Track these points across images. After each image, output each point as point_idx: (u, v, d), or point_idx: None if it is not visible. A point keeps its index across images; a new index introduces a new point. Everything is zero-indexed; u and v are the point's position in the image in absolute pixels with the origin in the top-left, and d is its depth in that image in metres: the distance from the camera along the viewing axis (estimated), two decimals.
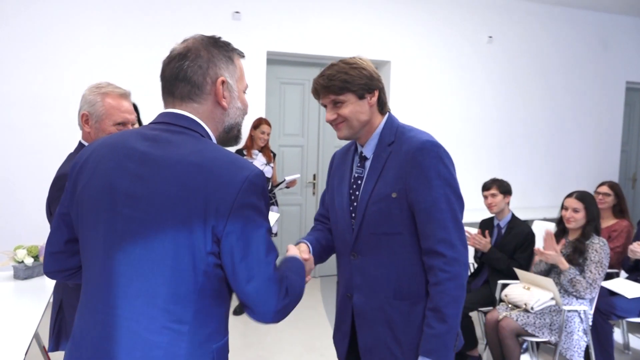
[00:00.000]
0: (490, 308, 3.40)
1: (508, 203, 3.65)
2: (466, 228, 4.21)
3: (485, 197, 3.66)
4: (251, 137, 4.43)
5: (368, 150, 1.62)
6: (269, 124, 4.44)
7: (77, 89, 2.47)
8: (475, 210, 5.19)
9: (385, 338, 1.57)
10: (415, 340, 1.53)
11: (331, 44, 5.22)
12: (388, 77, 5.50)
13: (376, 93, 1.57)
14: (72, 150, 1.97)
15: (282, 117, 5.29)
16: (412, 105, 5.56)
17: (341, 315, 1.70)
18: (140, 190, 1.11)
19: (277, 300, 1.14)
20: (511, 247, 3.53)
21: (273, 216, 3.84)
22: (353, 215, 1.62)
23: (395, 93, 5.49)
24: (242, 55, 1.27)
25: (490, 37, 5.87)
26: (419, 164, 1.48)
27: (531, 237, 3.55)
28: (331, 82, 1.53)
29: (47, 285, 2.59)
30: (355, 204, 1.62)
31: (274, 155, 4.58)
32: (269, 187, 4.43)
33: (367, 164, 1.62)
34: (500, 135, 6.06)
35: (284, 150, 5.29)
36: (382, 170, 1.55)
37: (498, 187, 3.61)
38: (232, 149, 4.42)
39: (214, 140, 1.22)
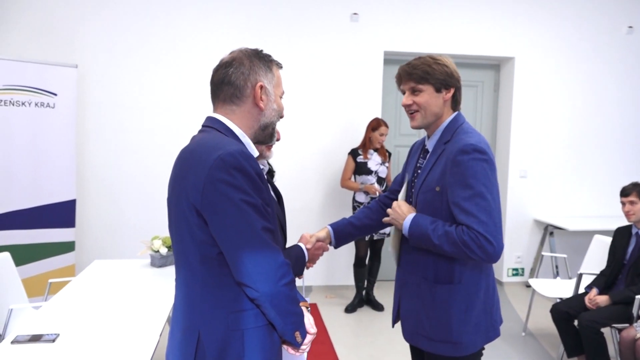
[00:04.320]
0: (626, 325, 3.09)
1: None
2: (598, 237, 3.88)
3: (623, 203, 3.32)
4: (369, 138, 4.42)
5: (430, 145, 1.78)
6: (387, 126, 4.39)
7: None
8: (611, 217, 4.76)
9: (418, 309, 1.76)
10: (442, 319, 1.69)
11: (450, 42, 5.07)
12: (512, 74, 5.22)
13: (452, 90, 1.71)
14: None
15: (398, 117, 5.24)
16: (538, 103, 5.23)
17: (395, 285, 1.92)
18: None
19: (271, 275, 1.22)
20: None
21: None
22: (410, 199, 1.81)
23: (519, 91, 5.20)
24: (280, 66, 1.46)
25: (631, 27, 5.34)
26: (458, 164, 1.60)
27: None
28: (414, 70, 1.70)
29: None
30: (412, 190, 1.81)
31: (389, 154, 4.54)
32: (383, 187, 4.40)
33: (428, 156, 1.79)
34: None
35: (400, 151, 5.24)
36: (433, 165, 1.71)
37: (638, 194, 3.26)
38: (348, 148, 4.49)
39: (245, 137, 1.37)
